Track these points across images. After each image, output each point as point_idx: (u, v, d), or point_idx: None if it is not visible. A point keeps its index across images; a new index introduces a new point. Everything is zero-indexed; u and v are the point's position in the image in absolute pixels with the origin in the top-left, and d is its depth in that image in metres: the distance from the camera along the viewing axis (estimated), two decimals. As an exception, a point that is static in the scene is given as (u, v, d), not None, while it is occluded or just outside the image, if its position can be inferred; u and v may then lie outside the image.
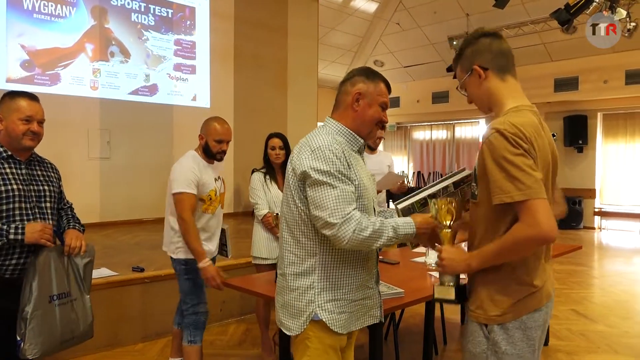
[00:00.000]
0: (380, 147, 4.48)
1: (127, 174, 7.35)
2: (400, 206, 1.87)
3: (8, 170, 2.15)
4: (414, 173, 14.37)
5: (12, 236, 2.04)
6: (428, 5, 10.76)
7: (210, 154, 2.94)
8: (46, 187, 2.27)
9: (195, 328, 2.88)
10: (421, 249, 3.67)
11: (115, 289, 3.83)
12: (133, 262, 4.34)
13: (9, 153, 2.17)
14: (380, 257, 2.29)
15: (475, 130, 13.19)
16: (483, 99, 1.68)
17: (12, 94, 2.19)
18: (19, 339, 2.04)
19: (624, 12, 7.28)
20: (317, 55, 9.89)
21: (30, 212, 2.16)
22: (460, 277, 1.68)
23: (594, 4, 6.86)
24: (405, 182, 4.17)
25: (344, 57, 12.97)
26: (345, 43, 12.45)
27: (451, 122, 13.54)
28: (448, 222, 1.67)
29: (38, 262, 2.09)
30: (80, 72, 6.98)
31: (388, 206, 4.65)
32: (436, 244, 1.72)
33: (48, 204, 2.25)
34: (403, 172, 13.90)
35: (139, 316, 3.93)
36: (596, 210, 10.67)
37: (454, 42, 11.20)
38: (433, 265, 3.13)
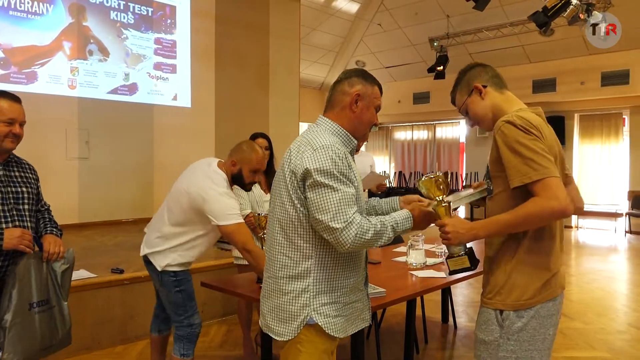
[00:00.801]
0: (362, 148, 4.51)
1: (107, 174, 7.24)
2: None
3: None
4: (395, 173, 14.45)
5: None
6: (409, 7, 10.84)
7: (241, 184, 2.74)
8: (24, 189, 2.21)
9: (189, 341, 2.74)
10: (402, 249, 3.70)
11: (94, 291, 3.77)
12: (112, 263, 4.28)
13: None
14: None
15: (456, 130, 13.33)
16: (487, 114, 1.76)
17: None
18: None
19: (599, 15, 7.43)
20: (298, 55, 9.88)
21: (8, 214, 2.11)
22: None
23: (571, 7, 7.00)
24: (385, 183, 4.22)
25: (326, 58, 12.99)
26: (327, 43, 12.46)
27: (432, 122, 13.65)
28: (440, 197, 1.71)
29: (18, 269, 2.05)
30: (58, 70, 6.86)
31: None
32: (436, 221, 1.73)
33: (26, 206, 2.20)
34: (385, 172, 13.98)
35: (118, 318, 3.88)
36: (573, 209, 10.85)
37: (435, 43, 11.31)
38: (414, 264, 3.16)
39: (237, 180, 2.73)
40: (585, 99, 10.41)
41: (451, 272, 1.74)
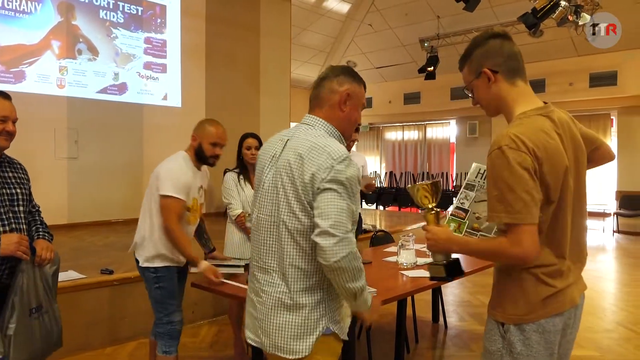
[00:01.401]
0: (354, 148, 4.52)
1: (96, 174, 7.19)
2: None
3: None
4: (386, 173, 14.49)
5: None
6: (400, 7, 10.87)
7: (203, 158, 2.76)
8: (18, 190, 2.18)
9: (170, 338, 2.74)
10: (393, 249, 3.72)
11: (84, 292, 3.75)
12: (102, 264, 4.25)
13: None
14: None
15: (447, 130, 13.39)
16: (491, 103, 1.63)
17: None
18: (1, 356, 1.98)
19: (587, 17, 7.51)
20: (289, 55, 9.87)
21: (4, 217, 2.07)
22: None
23: (560, 8, 7.07)
24: (374, 183, 4.25)
25: (317, 58, 13.00)
26: (318, 43, 12.47)
27: (422, 122, 13.71)
28: (429, 205, 1.71)
29: (18, 275, 2.03)
30: (47, 70, 6.80)
31: (361, 206, 4.69)
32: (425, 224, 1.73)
33: (21, 208, 2.17)
34: (375, 172, 14.01)
35: (108, 319, 3.85)
36: (562, 209, 10.96)
37: (425, 44, 11.36)
38: (405, 264, 3.17)
39: (199, 155, 2.77)
40: (574, 99, 10.51)
41: (431, 278, 1.75)
